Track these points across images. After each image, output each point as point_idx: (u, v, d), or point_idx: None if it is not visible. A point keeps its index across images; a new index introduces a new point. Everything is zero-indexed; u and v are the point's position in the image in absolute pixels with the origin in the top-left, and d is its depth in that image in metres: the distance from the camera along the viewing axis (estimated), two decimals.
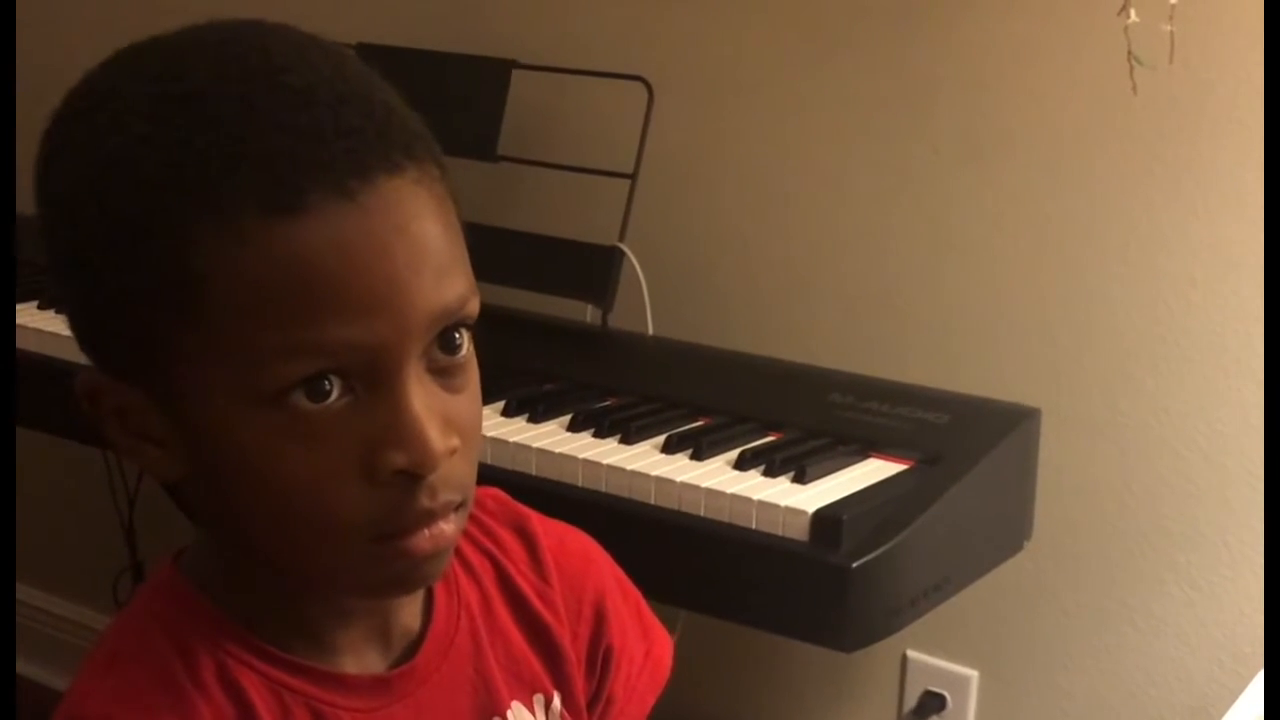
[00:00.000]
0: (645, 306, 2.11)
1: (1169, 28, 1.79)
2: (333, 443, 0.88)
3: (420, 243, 0.88)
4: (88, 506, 2.78)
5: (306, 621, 0.98)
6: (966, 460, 1.74)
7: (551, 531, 1.14)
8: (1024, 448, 1.84)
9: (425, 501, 0.90)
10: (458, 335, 0.91)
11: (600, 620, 1.13)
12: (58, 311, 2.16)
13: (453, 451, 0.90)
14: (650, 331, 2.12)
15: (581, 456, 1.78)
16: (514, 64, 2.19)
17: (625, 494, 1.74)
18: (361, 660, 1.00)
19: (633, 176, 2.08)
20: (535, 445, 1.80)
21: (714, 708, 2.28)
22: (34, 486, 3.05)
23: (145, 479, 2.56)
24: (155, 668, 0.94)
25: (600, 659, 1.14)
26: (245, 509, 0.91)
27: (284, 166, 0.85)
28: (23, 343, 2.18)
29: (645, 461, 1.76)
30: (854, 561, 1.59)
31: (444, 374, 0.91)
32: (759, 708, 2.30)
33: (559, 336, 2.13)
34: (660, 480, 1.73)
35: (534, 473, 1.79)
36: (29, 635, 3.10)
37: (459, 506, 0.93)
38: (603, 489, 1.76)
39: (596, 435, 1.83)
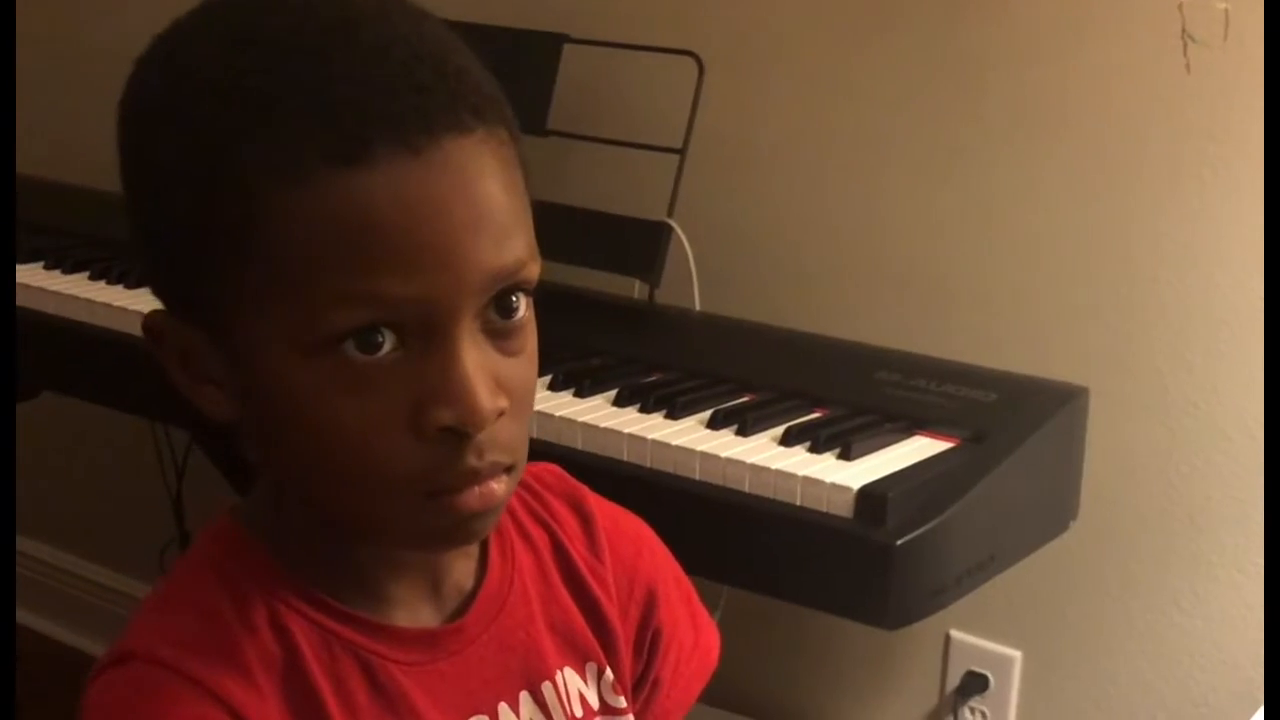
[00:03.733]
0: (693, 282, 2.11)
1: (1224, 5, 1.79)
2: (381, 395, 0.89)
3: (481, 203, 0.89)
4: (136, 478, 2.80)
5: (359, 571, 0.99)
6: (1013, 439, 1.72)
7: (607, 511, 1.15)
8: (1071, 427, 1.83)
9: (472, 460, 0.91)
10: (514, 299, 0.92)
11: (651, 602, 1.14)
12: (109, 282, 2.20)
13: (500, 413, 0.91)
14: (697, 307, 2.11)
15: (627, 431, 1.78)
16: (565, 38, 2.19)
17: (670, 469, 1.74)
18: (414, 614, 1.01)
19: (682, 152, 2.07)
20: (581, 420, 1.80)
21: (754, 686, 2.27)
22: (83, 458, 3.09)
23: (193, 453, 2.57)
24: (205, 609, 0.96)
25: (649, 641, 1.14)
26: (294, 455, 0.93)
27: (351, 117, 0.86)
28: (72, 312, 2.19)
29: (690, 437, 1.76)
30: (898, 539, 1.58)
31: (499, 336, 0.92)
32: (800, 687, 2.30)
33: (606, 311, 2.13)
34: (705, 456, 1.72)
35: (580, 447, 1.79)
36: (77, 605, 3.13)
37: (509, 469, 0.94)
38: (647, 464, 1.75)
39: (642, 410, 1.83)
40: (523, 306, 0.93)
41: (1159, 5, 1.81)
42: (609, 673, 1.10)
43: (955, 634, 2.15)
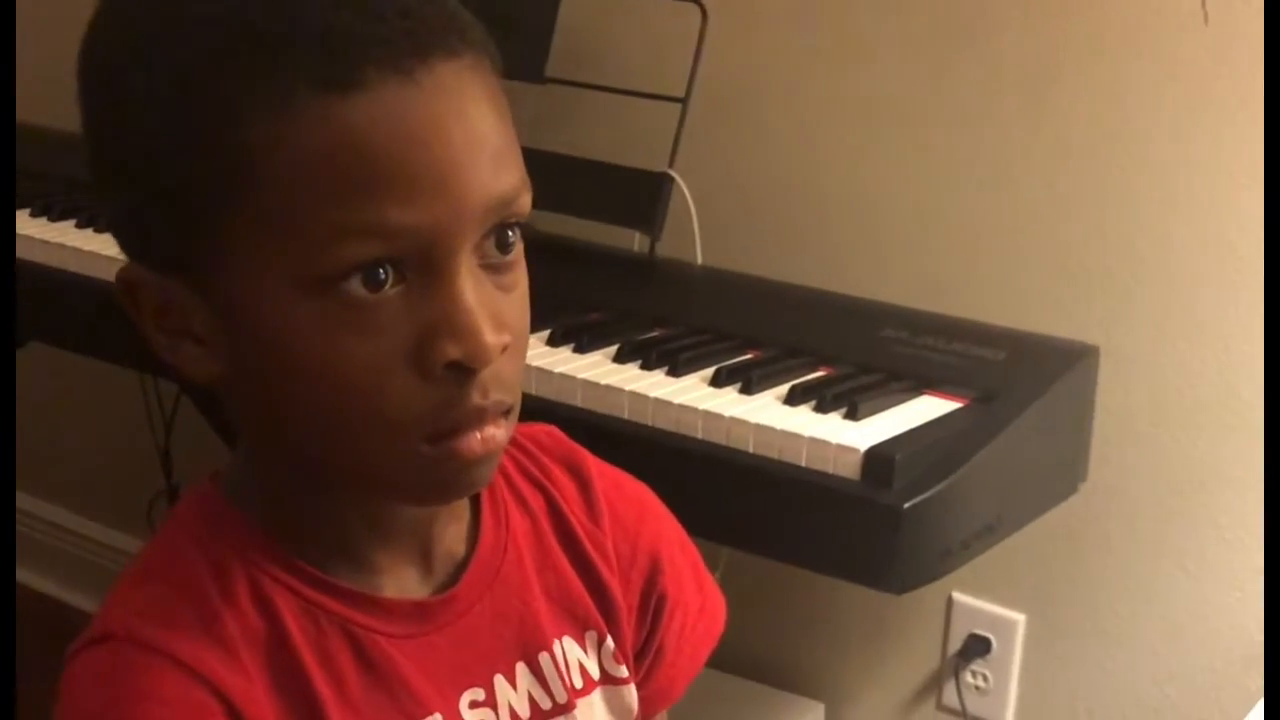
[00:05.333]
0: (695, 235, 2.07)
1: None
2: (385, 333, 0.86)
3: (477, 127, 0.87)
4: (124, 431, 2.77)
5: (346, 539, 0.96)
6: (1023, 399, 1.69)
7: (607, 475, 1.12)
8: (1082, 387, 1.79)
9: (477, 398, 0.89)
10: (510, 233, 0.90)
11: (655, 568, 1.11)
12: (98, 230, 2.16)
13: (504, 348, 0.89)
14: (699, 261, 2.07)
15: (628, 389, 1.74)
16: None
17: (672, 428, 1.70)
18: (402, 584, 0.98)
19: (684, 101, 2.02)
20: (581, 376, 1.76)
21: (753, 648, 2.24)
22: (70, 410, 3.05)
23: (182, 404, 2.54)
24: (185, 582, 0.93)
25: (653, 607, 1.12)
26: (292, 406, 0.90)
27: (341, 42, 0.84)
28: (60, 261, 2.16)
29: (693, 395, 1.72)
30: (906, 501, 1.54)
31: (495, 271, 0.90)
32: (800, 649, 2.27)
33: (605, 264, 2.09)
34: (708, 414, 1.68)
35: (580, 404, 1.75)
36: (63, 558, 3.10)
37: (507, 412, 0.92)
38: (649, 422, 1.71)
39: (644, 367, 1.79)
40: (517, 241, 0.92)
41: None
42: (610, 641, 1.08)
43: (958, 596, 2.12)
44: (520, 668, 1.02)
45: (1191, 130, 1.88)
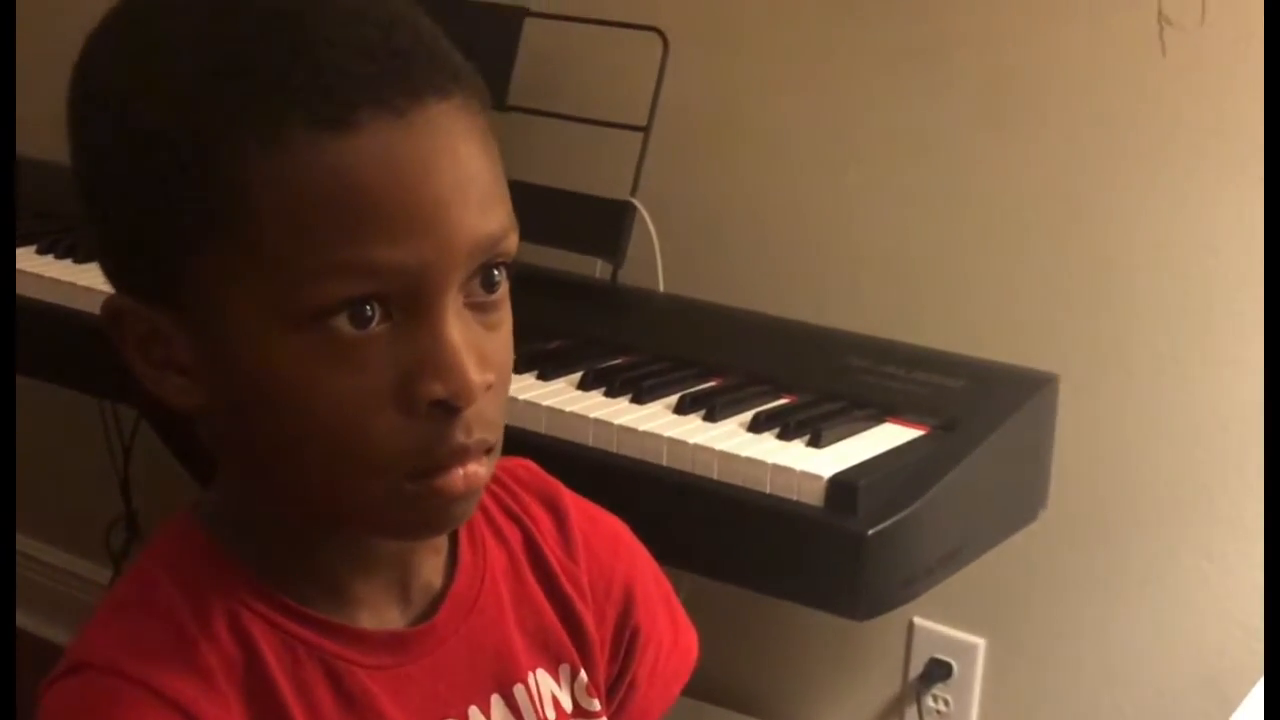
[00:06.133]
0: (657, 263, 2.08)
1: None
2: (370, 370, 0.87)
3: (467, 168, 0.88)
4: (83, 456, 2.75)
5: (324, 571, 0.96)
6: (984, 426, 1.71)
7: (583, 510, 1.12)
8: (1041, 415, 1.81)
9: (461, 437, 0.89)
10: (496, 272, 0.91)
11: (628, 603, 1.11)
12: (75, 260, 2.14)
13: (489, 386, 0.89)
14: (662, 289, 2.08)
15: (592, 416, 1.75)
16: (526, 11, 2.15)
17: (637, 455, 1.71)
18: (380, 616, 0.98)
19: (646, 129, 2.04)
20: (545, 403, 1.77)
21: (716, 673, 2.24)
22: (30, 436, 3.02)
23: (141, 429, 2.53)
24: (162, 615, 0.92)
25: (626, 642, 1.12)
26: (275, 440, 0.90)
27: (334, 81, 0.84)
28: (21, 289, 2.14)
29: (658, 422, 1.73)
30: (870, 528, 1.56)
31: (481, 310, 0.90)
32: (762, 674, 2.28)
33: (568, 292, 2.09)
34: (673, 441, 1.69)
35: (544, 431, 1.76)
36: (21, 584, 3.07)
37: (489, 450, 0.92)
38: (614, 449, 1.72)
39: (608, 394, 1.80)
40: (503, 281, 0.92)
41: None
42: (583, 674, 1.08)
43: (919, 621, 2.13)
44: (495, 700, 1.02)
45: (1150, 160, 1.90)
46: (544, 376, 1.83)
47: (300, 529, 0.95)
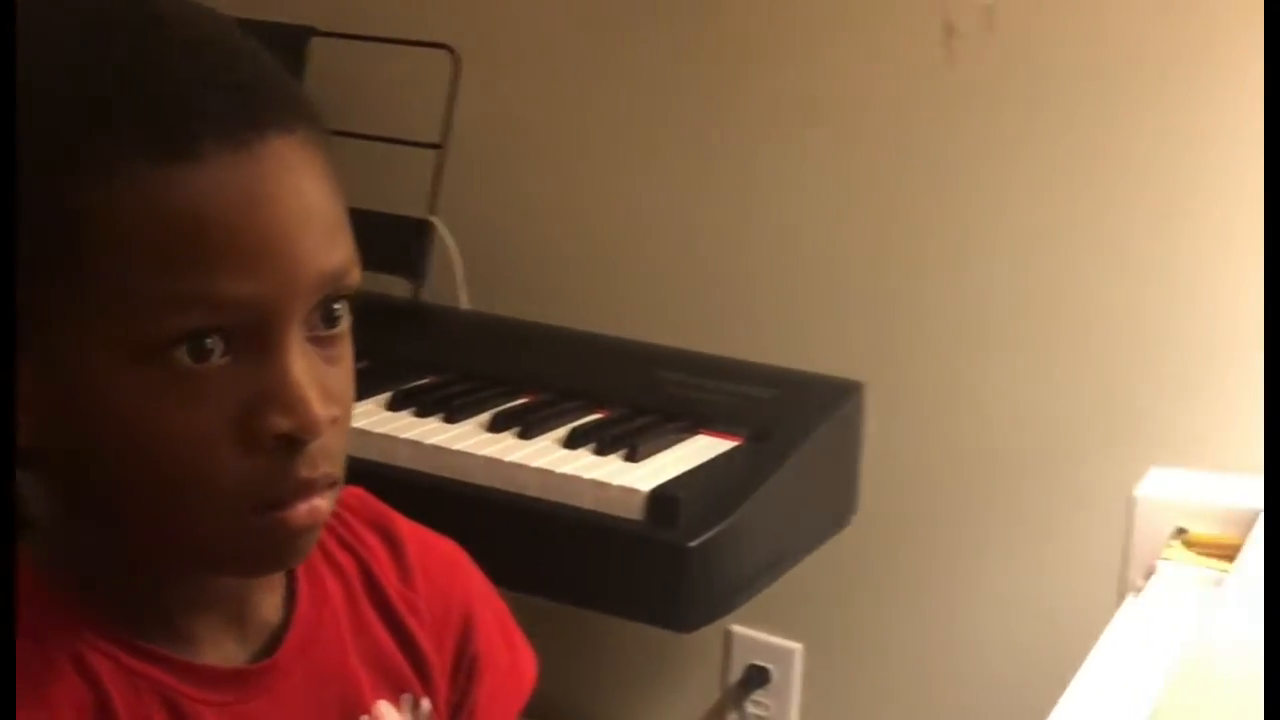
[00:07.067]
0: (458, 281, 2.07)
1: None
2: (212, 403, 0.85)
3: (311, 200, 0.87)
4: None
5: (163, 608, 0.94)
6: (796, 435, 1.73)
7: (417, 536, 1.11)
8: (850, 422, 1.84)
9: (305, 471, 0.88)
10: (337, 306, 0.90)
11: (467, 628, 1.11)
12: None
13: (333, 420, 0.89)
14: (465, 306, 2.07)
15: (404, 436, 1.74)
16: (311, 31, 2.13)
17: (452, 475, 1.70)
18: (221, 652, 0.97)
19: (441, 147, 2.03)
20: (355, 425, 1.74)
21: (536, 690, 2.24)
22: None
23: None
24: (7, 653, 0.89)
25: (466, 667, 1.11)
26: (112, 474, 0.88)
27: (177, 113, 0.83)
28: None
29: (471, 441, 1.73)
30: (691, 540, 1.57)
31: (322, 344, 0.90)
32: (581, 685, 2.28)
33: (369, 312, 2.04)
34: (489, 460, 1.69)
35: (354, 454, 1.73)
36: None
37: (333, 484, 0.92)
38: (428, 470, 1.72)
39: (418, 414, 1.79)
40: (345, 315, 0.91)
41: None
42: (425, 703, 1.07)
43: (735, 628, 2.15)
44: None
45: (939, 168, 1.95)
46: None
47: (136, 566, 0.93)
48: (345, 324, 0.92)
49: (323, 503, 0.90)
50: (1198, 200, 1.83)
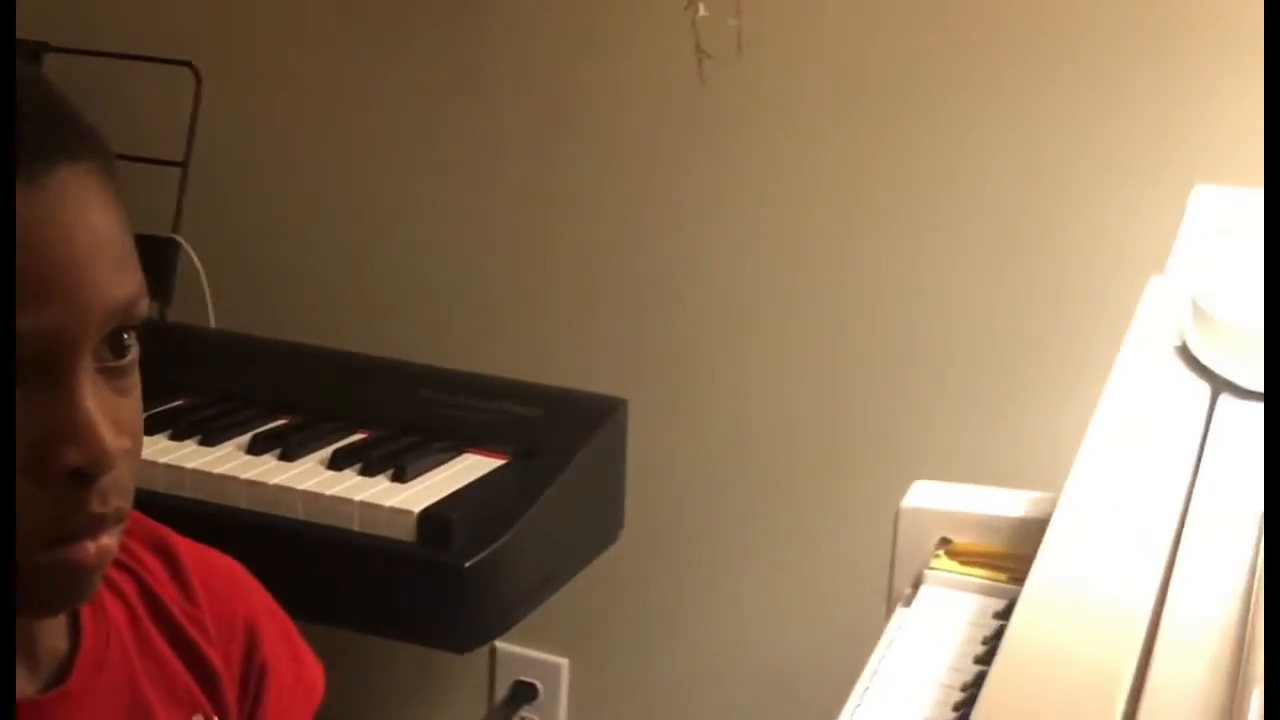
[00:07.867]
0: (206, 299, 2.03)
1: (735, 22, 1.84)
2: None
3: (100, 232, 0.86)
4: None
5: None
6: (563, 453, 1.74)
7: (194, 552, 1.09)
8: (615, 439, 1.85)
9: (96, 505, 0.86)
10: (126, 336, 0.89)
11: (252, 640, 1.10)
12: None
13: (125, 452, 0.87)
14: (213, 325, 2.03)
15: (162, 461, 1.70)
16: (45, 46, 2.07)
17: (213, 499, 1.67)
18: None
19: (184, 165, 1.99)
20: None
21: None
22: None
23: None
24: None
25: (254, 679, 1.10)
26: None
27: None
28: None
29: (232, 464, 1.70)
30: (466, 561, 1.57)
31: (111, 376, 0.88)
32: (343, 703, 2.23)
33: None
34: (252, 483, 1.67)
35: None
36: None
37: (120, 520, 0.89)
38: (188, 494, 1.69)
39: (174, 438, 1.75)
40: (134, 345, 0.90)
41: (672, 20, 1.85)
42: None
43: (500, 645, 2.15)
44: None
45: (690, 186, 1.98)
46: None
47: None
48: (134, 354, 0.90)
49: (109, 540, 0.88)
50: (948, 214, 1.88)
